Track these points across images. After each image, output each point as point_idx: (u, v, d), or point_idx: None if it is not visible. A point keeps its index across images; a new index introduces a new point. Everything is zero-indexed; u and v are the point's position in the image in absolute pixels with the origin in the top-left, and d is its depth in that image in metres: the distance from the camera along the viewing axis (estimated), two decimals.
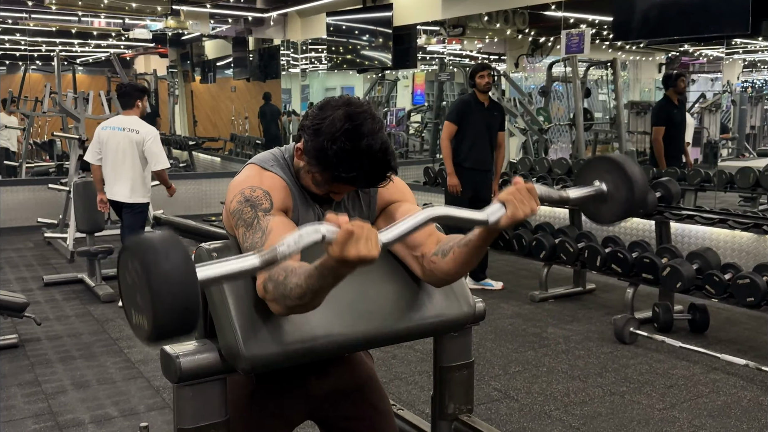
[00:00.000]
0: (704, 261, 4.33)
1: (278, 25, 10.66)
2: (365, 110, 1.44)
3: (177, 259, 1.02)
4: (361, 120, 1.42)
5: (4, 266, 6.41)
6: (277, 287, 1.31)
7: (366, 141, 1.41)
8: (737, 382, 3.72)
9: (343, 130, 1.40)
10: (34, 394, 3.55)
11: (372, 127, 1.42)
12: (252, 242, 1.40)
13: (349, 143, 1.40)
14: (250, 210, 1.43)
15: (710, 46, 10.04)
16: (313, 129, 1.44)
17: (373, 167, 1.44)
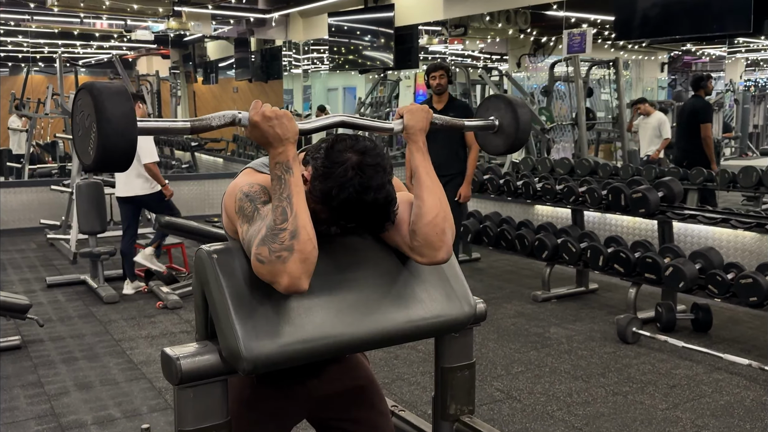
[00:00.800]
0: (707, 260, 4.33)
1: (280, 26, 10.67)
2: (378, 163, 1.44)
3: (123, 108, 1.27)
4: (371, 174, 1.42)
5: (7, 267, 6.42)
6: (265, 236, 1.33)
7: (373, 195, 1.42)
8: (740, 382, 3.71)
9: (352, 183, 1.41)
10: (36, 395, 3.55)
11: (381, 182, 1.43)
12: (252, 231, 1.39)
13: (356, 195, 1.41)
14: (250, 204, 1.44)
15: (712, 45, 10.02)
16: (323, 171, 1.43)
17: (374, 219, 1.48)
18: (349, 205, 1.42)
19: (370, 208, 1.44)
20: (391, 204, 1.47)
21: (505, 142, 1.85)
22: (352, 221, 1.47)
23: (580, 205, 5.32)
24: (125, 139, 1.28)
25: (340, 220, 1.47)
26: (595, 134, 9.36)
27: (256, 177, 1.55)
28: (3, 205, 7.87)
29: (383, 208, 1.46)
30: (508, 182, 5.84)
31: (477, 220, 6.08)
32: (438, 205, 1.51)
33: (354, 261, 1.57)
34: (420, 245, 1.51)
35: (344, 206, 1.43)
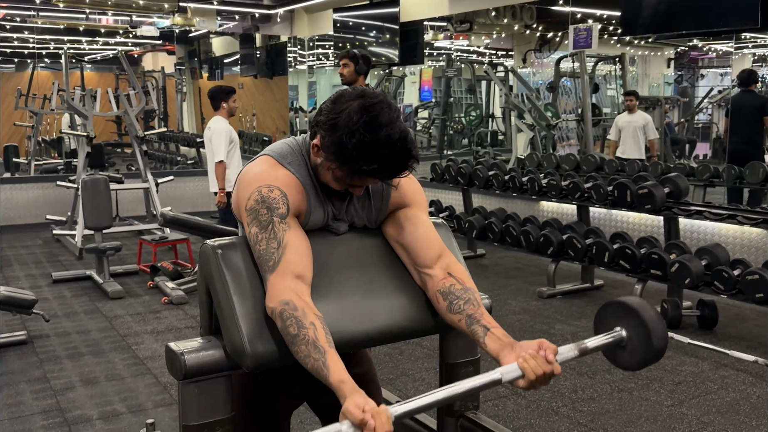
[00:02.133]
0: (713, 257, 4.31)
1: (285, 22, 10.65)
2: (381, 100, 1.42)
3: None
4: (377, 111, 1.40)
5: (13, 263, 6.44)
6: (284, 333, 1.37)
7: (385, 131, 1.39)
8: (746, 379, 3.70)
9: (360, 122, 1.38)
10: (42, 390, 3.56)
11: (389, 117, 1.40)
12: (267, 250, 1.41)
13: (368, 135, 1.38)
14: (267, 212, 1.43)
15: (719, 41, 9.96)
16: (329, 124, 1.42)
17: (394, 157, 1.42)
18: (363, 147, 1.39)
19: (386, 145, 1.39)
20: (407, 140, 1.42)
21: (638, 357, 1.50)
22: (372, 165, 1.41)
23: (585, 201, 5.30)
24: None
25: (360, 170, 1.42)
26: (600, 130, 9.33)
27: (276, 171, 1.50)
28: (9, 201, 7.90)
29: (399, 143, 1.40)
30: (513, 178, 5.83)
31: (482, 216, 6.07)
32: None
33: (358, 258, 1.57)
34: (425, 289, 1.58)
35: (360, 151, 1.39)
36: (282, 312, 1.35)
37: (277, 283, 1.39)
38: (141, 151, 7.20)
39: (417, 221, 1.60)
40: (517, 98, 8.66)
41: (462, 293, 1.51)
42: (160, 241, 6.22)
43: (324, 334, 1.34)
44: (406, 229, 1.59)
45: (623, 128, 7.20)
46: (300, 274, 1.41)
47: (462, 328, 1.49)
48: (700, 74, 11.78)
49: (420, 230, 1.58)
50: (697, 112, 10.79)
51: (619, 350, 1.52)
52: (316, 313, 1.37)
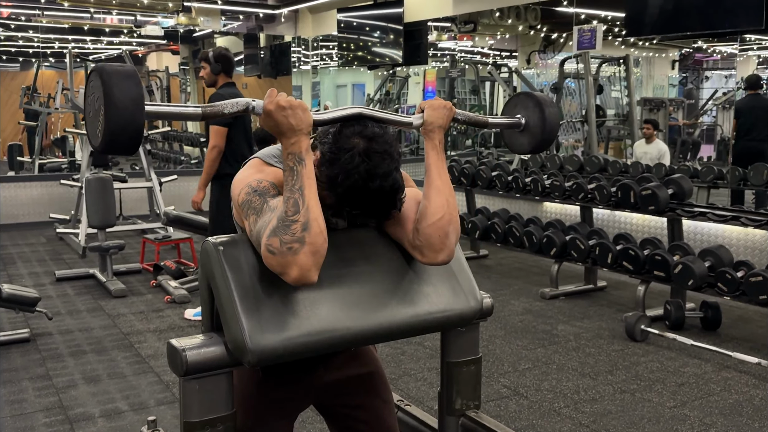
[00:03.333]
0: (716, 258, 4.30)
1: (289, 22, 10.66)
2: (385, 150, 1.43)
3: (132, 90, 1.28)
4: (378, 161, 1.41)
5: (16, 261, 6.45)
6: (277, 227, 1.31)
7: (378, 182, 1.41)
8: (749, 381, 3.68)
9: (359, 169, 1.40)
10: (45, 387, 3.57)
11: (387, 169, 1.42)
12: (262, 222, 1.38)
13: (362, 182, 1.40)
14: (259, 198, 1.43)
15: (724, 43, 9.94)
16: (330, 157, 1.43)
17: (380, 206, 1.47)
18: (354, 191, 1.42)
19: (376, 195, 1.43)
20: (397, 192, 1.46)
21: (530, 142, 1.80)
22: (357, 208, 1.46)
23: (589, 202, 5.30)
24: (133, 123, 1.28)
25: (345, 206, 1.46)
26: (605, 131, 9.32)
27: (264, 170, 1.54)
28: (13, 199, 7.92)
29: (389, 195, 1.45)
30: (516, 179, 5.82)
31: (485, 217, 6.06)
32: (444, 207, 1.50)
33: (360, 255, 1.57)
34: (422, 245, 1.50)
35: (349, 193, 1.42)
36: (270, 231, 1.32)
37: None
38: (145, 150, 7.21)
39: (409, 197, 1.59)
40: None
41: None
42: (164, 240, 6.22)
43: None
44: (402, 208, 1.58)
45: (640, 158, 7.11)
46: None
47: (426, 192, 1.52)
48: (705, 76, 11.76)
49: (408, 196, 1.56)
50: (702, 114, 10.77)
51: (517, 133, 1.83)
52: None
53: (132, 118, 1.28)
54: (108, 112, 1.27)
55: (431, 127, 1.54)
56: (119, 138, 1.29)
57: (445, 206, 1.49)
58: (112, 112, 1.26)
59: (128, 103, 1.27)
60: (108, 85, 1.27)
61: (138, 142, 1.31)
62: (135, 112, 1.28)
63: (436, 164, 1.53)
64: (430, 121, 1.54)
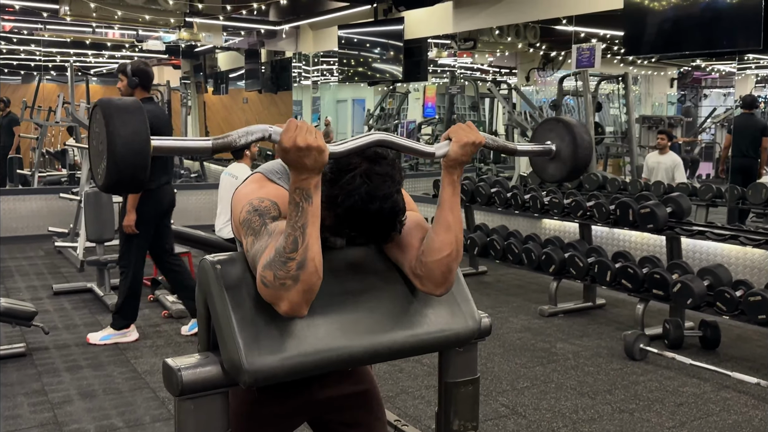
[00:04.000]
0: (715, 277, 4.29)
1: (290, 38, 10.72)
2: (387, 172, 1.42)
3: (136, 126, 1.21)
4: (379, 183, 1.40)
5: (14, 274, 6.44)
6: (273, 261, 1.30)
7: (378, 205, 1.40)
8: (748, 401, 3.67)
9: (358, 191, 1.39)
10: (40, 403, 3.55)
11: (388, 192, 1.41)
12: (260, 246, 1.38)
13: (361, 203, 1.39)
14: (259, 219, 1.43)
15: (722, 61, 10.00)
16: (330, 177, 1.42)
17: (379, 229, 1.45)
18: (353, 213, 1.41)
19: (375, 217, 1.42)
20: (397, 215, 1.45)
21: (561, 170, 1.70)
22: (356, 230, 1.45)
23: (587, 220, 5.30)
24: (138, 161, 1.20)
25: (344, 227, 1.45)
26: (603, 149, 9.34)
27: (266, 187, 1.53)
28: (12, 212, 7.91)
29: (389, 218, 1.44)
30: (515, 195, 5.83)
31: (484, 233, 6.06)
32: (453, 244, 1.48)
33: (358, 275, 1.56)
34: (423, 276, 1.50)
35: (349, 214, 1.41)
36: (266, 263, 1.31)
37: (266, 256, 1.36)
38: None
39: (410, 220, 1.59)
40: (521, 116, 8.68)
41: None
42: None
43: None
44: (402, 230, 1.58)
45: (653, 168, 7.18)
46: None
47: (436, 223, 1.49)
48: (703, 94, 11.81)
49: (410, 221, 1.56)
50: (701, 132, 10.81)
51: (547, 161, 1.72)
52: None
53: (137, 156, 1.20)
54: (111, 150, 1.19)
55: (453, 163, 1.48)
56: (124, 177, 1.21)
57: (453, 243, 1.48)
58: (115, 150, 1.18)
59: (133, 140, 1.19)
60: (110, 122, 1.19)
61: (143, 180, 1.23)
62: (141, 150, 1.20)
63: (451, 200, 1.49)
64: (453, 157, 1.48)
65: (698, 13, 5.38)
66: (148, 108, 4.33)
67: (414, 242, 1.53)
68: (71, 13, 7.22)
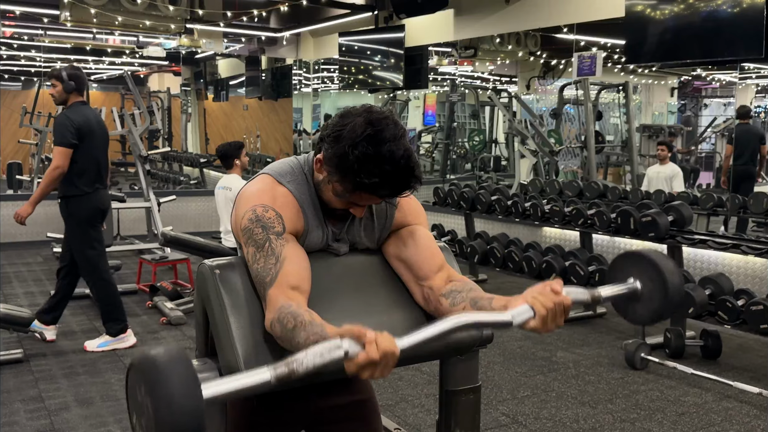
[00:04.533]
0: (717, 286, 4.27)
1: (291, 45, 10.73)
2: (387, 116, 1.41)
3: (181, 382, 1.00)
4: (382, 126, 1.39)
5: (12, 280, 6.41)
6: (284, 332, 1.31)
7: (388, 146, 1.37)
8: (750, 411, 3.64)
9: (364, 135, 1.37)
10: (37, 410, 3.52)
11: (394, 133, 1.39)
12: (264, 267, 1.39)
13: (371, 148, 1.36)
14: (262, 231, 1.41)
15: (723, 71, 10.01)
16: (333, 136, 1.41)
17: (397, 173, 1.39)
18: (366, 160, 1.37)
19: (388, 160, 1.37)
20: (410, 158, 1.40)
21: (649, 310, 1.47)
22: (372, 178, 1.38)
23: (588, 228, 5.28)
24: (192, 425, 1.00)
25: (361, 183, 1.39)
26: (604, 157, 9.33)
27: (274, 191, 1.50)
28: (11, 218, 7.86)
29: (403, 160, 1.39)
30: (516, 203, 5.81)
31: (484, 241, 6.04)
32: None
33: (359, 281, 1.55)
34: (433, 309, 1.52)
35: (361, 163, 1.37)
36: (279, 315, 1.33)
37: (275, 296, 1.37)
38: (144, 170, 7.21)
39: (419, 235, 1.59)
40: (521, 124, 8.67)
41: (463, 286, 1.50)
42: (160, 260, 6.19)
43: (321, 321, 1.30)
44: (407, 243, 1.58)
45: (652, 179, 7.24)
46: (297, 285, 1.40)
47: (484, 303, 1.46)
48: (704, 104, 11.81)
49: (421, 243, 1.56)
50: (701, 142, 10.81)
51: (631, 302, 1.48)
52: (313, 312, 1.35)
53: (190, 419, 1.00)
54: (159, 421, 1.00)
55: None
56: None
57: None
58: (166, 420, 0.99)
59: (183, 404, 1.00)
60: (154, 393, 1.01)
61: None
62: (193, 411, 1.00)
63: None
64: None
65: (699, 23, 5.38)
66: (83, 112, 4.30)
67: (422, 265, 1.53)
68: (72, 19, 7.22)
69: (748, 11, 5.03)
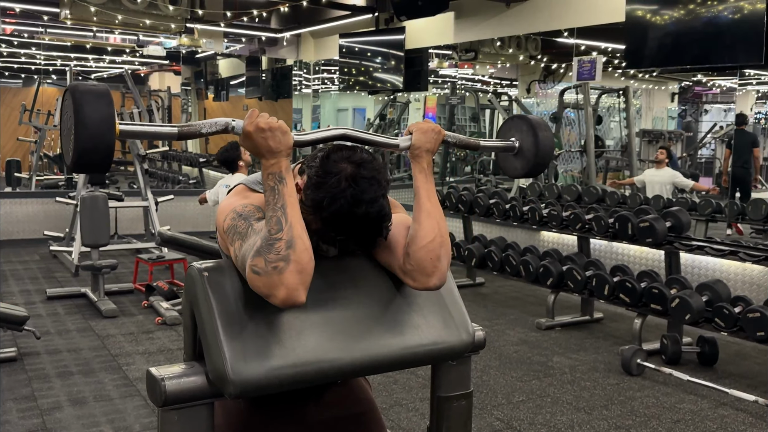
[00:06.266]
0: (714, 293, 4.26)
1: (291, 46, 10.72)
2: (373, 176, 1.40)
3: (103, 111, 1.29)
4: (365, 186, 1.39)
5: (9, 278, 6.39)
6: (261, 247, 1.27)
7: (365, 208, 1.38)
8: (746, 419, 3.62)
9: (345, 194, 1.37)
10: (29, 409, 3.50)
11: (374, 195, 1.40)
12: (247, 246, 1.34)
13: (348, 206, 1.38)
14: (244, 222, 1.40)
15: (723, 77, 10.00)
16: (316, 181, 1.40)
17: (366, 233, 1.44)
18: (340, 217, 1.39)
19: (362, 221, 1.40)
20: (383, 219, 1.43)
21: (524, 166, 1.79)
22: (343, 234, 1.43)
23: (586, 233, 5.27)
24: (102, 142, 1.28)
25: (330, 231, 1.43)
26: (603, 162, 9.31)
27: (249, 196, 1.51)
28: (9, 216, 7.87)
29: (375, 222, 1.42)
30: (514, 207, 5.80)
31: (482, 245, 6.03)
32: (435, 230, 1.46)
33: (349, 284, 1.53)
34: (413, 269, 1.46)
35: (335, 218, 1.39)
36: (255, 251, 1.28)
37: None
38: (142, 169, 7.20)
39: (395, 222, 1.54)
40: None
41: None
42: (157, 260, 6.17)
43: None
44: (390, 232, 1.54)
45: (647, 182, 7.22)
46: None
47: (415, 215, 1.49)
48: (704, 109, 11.80)
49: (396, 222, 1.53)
50: (701, 147, 10.80)
51: (510, 157, 1.81)
52: None
53: (102, 138, 1.28)
54: (78, 131, 1.27)
55: (418, 151, 1.52)
56: (90, 157, 1.29)
57: (436, 229, 1.46)
58: (82, 131, 1.27)
59: (99, 123, 1.28)
60: (79, 104, 1.28)
61: (108, 161, 1.32)
62: (105, 132, 1.29)
63: (425, 187, 1.50)
64: (417, 144, 1.52)
65: (700, 28, 5.36)
66: None
67: (401, 240, 1.50)
68: (72, 17, 7.20)
69: (748, 17, 5.02)
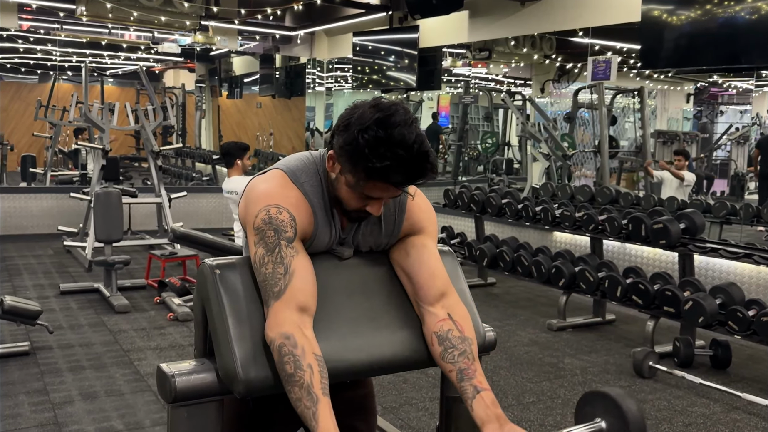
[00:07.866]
0: (728, 296, 4.22)
1: (305, 44, 10.73)
2: (396, 103, 1.38)
3: None
4: (392, 111, 1.36)
5: (22, 272, 6.45)
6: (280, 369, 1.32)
7: (399, 130, 1.33)
8: (759, 423, 3.59)
9: (374, 119, 1.34)
10: (41, 403, 3.52)
11: (405, 118, 1.35)
12: (273, 275, 1.36)
13: (382, 131, 1.33)
14: (274, 234, 1.38)
15: (740, 78, 9.91)
16: (343, 125, 1.39)
17: (409, 158, 1.34)
18: (377, 144, 1.33)
19: (400, 144, 1.33)
20: (423, 143, 1.36)
21: None
22: (385, 162, 1.34)
23: (599, 234, 5.24)
24: None
25: (372, 168, 1.35)
26: (617, 163, 9.26)
27: (286, 193, 1.45)
28: (24, 211, 7.94)
29: (416, 145, 1.34)
30: (526, 207, 5.78)
31: (494, 245, 6.01)
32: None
33: (361, 286, 1.53)
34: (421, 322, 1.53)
35: (372, 148, 1.33)
36: (281, 346, 1.31)
37: (280, 311, 1.34)
38: (156, 165, 7.23)
39: (424, 251, 1.55)
40: (534, 127, 8.63)
41: (458, 342, 1.47)
42: (170, 256, 6.20)
43: (320, 379, 1.30)
44: (411, 256, 1.54)
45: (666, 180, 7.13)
46: (304, 304, 1.37)
47: (452, 379, 1.46)
48: (720, 110, 11.70)
49: (425, 260, 1.52)
50: (716, 149, 10.71)
51: None
52: (316, 352, 1.32)
53: None
54: None
55: None
56: None
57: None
58: None
59: None
60: None
61: None
62: None
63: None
64: None
65: (716, 29, 5.32)
66: None
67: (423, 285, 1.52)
68: (87, 14, 7.25)
69: (765, 18, 4.97)
